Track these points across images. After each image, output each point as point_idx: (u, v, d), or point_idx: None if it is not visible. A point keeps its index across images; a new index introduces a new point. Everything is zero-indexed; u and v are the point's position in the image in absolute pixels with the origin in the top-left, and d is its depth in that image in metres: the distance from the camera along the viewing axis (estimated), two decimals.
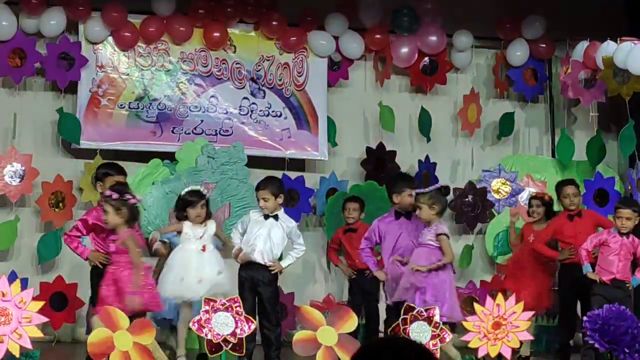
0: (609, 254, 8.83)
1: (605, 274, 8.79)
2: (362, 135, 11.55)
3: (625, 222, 8.84)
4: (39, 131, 10.69)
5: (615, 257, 8.81)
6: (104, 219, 7.91)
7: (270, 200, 8.65)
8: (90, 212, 8.45)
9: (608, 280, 8.76)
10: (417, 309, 7.75)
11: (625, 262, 8.82)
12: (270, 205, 8.65)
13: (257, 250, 8.58)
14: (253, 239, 8.60)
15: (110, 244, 7.88)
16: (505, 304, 7.86)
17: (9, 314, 7.08)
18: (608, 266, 8.82)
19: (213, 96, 11.03)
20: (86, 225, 8.29)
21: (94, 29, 10.68)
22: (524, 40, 11.65)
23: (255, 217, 8.71)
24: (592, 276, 8.81)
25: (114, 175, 8.54)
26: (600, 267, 8.86)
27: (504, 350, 7.79)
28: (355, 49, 11.34)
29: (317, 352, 7.48)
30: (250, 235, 8.63)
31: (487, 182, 11.45)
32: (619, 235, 8.85)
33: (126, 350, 7.13)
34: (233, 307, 7.45)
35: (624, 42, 10.28)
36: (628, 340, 7.89)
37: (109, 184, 8.32)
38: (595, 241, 8.93)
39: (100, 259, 8.17)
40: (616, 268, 8.79)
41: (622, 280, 8.79)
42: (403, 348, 3.10)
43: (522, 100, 11.90)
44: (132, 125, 10.79)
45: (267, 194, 8.66)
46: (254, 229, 8.64)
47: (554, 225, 9.83)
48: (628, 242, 8.84)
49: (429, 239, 8.35)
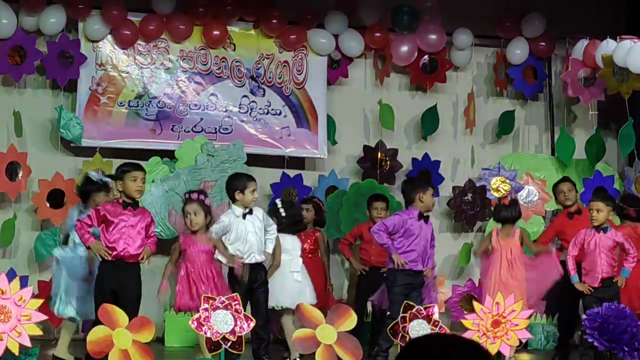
0: (590, 253, 8.81)
1: (593, 277, 8.76)
2: (362, 133, 11.55)
3: (595, 215, 8.80)
4: (38, 129, 10.69)
5: (597, 256, 8.78)
6: (192, 220, 8.60)
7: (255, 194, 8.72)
8: (104, 205, 8.48)
9: (596, 284, 8.74)
10: (416, 307, 7.76)
11: (607, 259, 8.78)
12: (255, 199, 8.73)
13: (254, 251, 8.58)
14: (245, 242, 8.57)
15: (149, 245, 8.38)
16: (505, 302, 7.86)
17: (8, 312, 7.08)
18: (593, 266, 8.79)
19: (213, 94, 11.03)
20: (98, 216, 8.31)
21: (94, 27, 10.68)
22: (524, 38, 11.64)
23: (233, 220, 8.61)
24: (580, 287, 8.80)
25: (132, 171, 8.59)
26: (585, 270, 8.82)
27: (503, 349, 7.80)
28: (355, 47, 11.34)
29: (316, 350, 7.48)
30: (239, 240, 8.58)
31: (487, 181, 11.44)
32: (596, 231, 8.83)
33: (125, 348, 7.13)
34: (232, 305, 7.45)
35: (624, 41, 10.28)
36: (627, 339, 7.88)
37: (129, 180, 8.39)
38: (577, 243, 8.88)
39: (101, 252, 8.21)
40: (600, 267, 8.76)
41: (609, 278, 8.77)
42: (451, 344, 3.01)
43: (521, 98, 11.90)
44: (131, 124, 10.79)
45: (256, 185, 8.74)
46: (240, 231, 8.58)
47: (555, 225, 9.83)
48: (607, 237, 8.80)
49: None
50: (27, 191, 10.47)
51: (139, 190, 8.47)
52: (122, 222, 8.29)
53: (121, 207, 8.33)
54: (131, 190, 8.38)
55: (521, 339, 8.07)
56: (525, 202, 11.32)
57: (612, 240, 8.79)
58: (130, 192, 8.38)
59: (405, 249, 8.75)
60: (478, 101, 11.71)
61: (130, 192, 8.38)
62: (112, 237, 8.24)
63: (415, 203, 8.78)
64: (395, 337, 7.73)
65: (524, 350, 9.75)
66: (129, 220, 8.31)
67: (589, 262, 8.81)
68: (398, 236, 8.73)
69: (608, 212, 8.83)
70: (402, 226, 8.71)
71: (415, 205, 8.78)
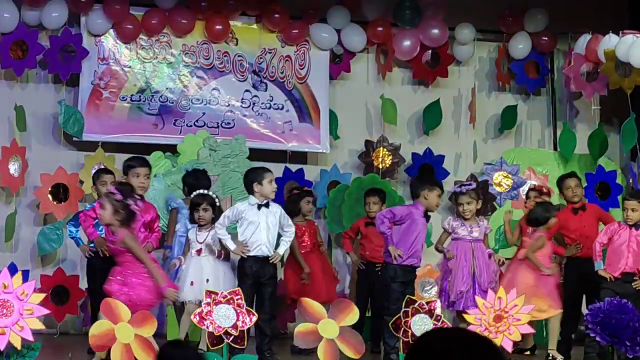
0: (618, 246, 8.83)
1: (615, 268, 8.79)
2: (364, 128, 11.55)
3: (630, 214, 8.84)
4: (41, 123, 10.69)
5: (625, 249, 8.81)
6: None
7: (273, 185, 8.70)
8: None
9: (618, 274, 8.77)
10: (418, 302, 7.77)
11: (634, 255, 8.81)
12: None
13: (262, 243, 8.54)
14: (255, 232, 8.54)
15: (110, 246, 7.81)
16: (507, 297, 7.86)
17: (10, 306, 7.08)
18: (617, 258, 8.81)
19: (215, 89, 11.02)
20: None
21: (96, 21, 10.67)
22: (526, 33, 11.64)
23: (247, 208, 8.60)
24: (603, 274, 8.80)
25: (136, 167, 8.59)
26: (609, 261, 8.85)
27: (505, 343, 7.79)
28: (357, 41, 11.33)
29: (318, 345, 7.48)
30: (249, 228, 8.55)
31: (489, 175, 11.44)
32: (628, 227, 8.86)
33: (127, 342, 7.14)
34: (234, 300, 7.45)
35: (626, 35, 10.26)
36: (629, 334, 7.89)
37: (132, 176, 8.39)
38: (608, 233, 8.92)
39: (104, 248, 8.20)
40: (625, 260, 8.78)
41: (631, 273, 8.79)
42: (453, 338, 3.02)
43: (524, 93, 11.89)
44: (133, 118, 10.79)
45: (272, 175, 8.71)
46: (251, 221, 8.54)
47: (559, 219, 9.83)
48: (637, 234, 8.83)
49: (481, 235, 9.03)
50: (25, 185, 10.45)
51: (141, 186, 8.47)
52: None
53: None
54: (134, 186, 8.38)
55: (523, 333, 8.06)
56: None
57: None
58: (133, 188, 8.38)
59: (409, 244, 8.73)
60: (480, 96, 11.71)
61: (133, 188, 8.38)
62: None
63: (420, 199, 8.78)
64: (398, 332, 7.74)
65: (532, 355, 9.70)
66: None
67: (615, 252, 8.83)
68: (404, 228, 8.70)
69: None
70: (408, 217, 8.70)
71: (419, 201, 8.78)
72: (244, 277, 8.50)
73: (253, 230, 8.52)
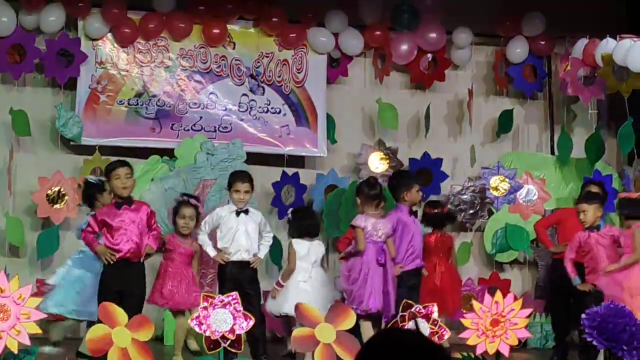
0: (589, 252, 8.81)
1: (594, 275, 8.75)
2: (362, 132, 11.55)
3: (582, 217, 8.82)
4: (38, 127, 10.68)
5: (597, 253, 8.78)
6: (187, 224, 8.83)
7: (249, 194, 8.73)
8: (100, 210, 8.48)
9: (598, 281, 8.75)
10: (415, 306, 7.76)
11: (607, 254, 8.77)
12: (248, 199, 8.72)
13: (242, 249, 8.62)
14: (234, 237, 8.62)
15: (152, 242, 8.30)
16: (504, 301, 7.86)
17: (7, 310, 7.07)
18: (595, 263, 8.78)
19: (212, 93, 11.03)
20: (97, 222, 8.30)
21: (94, 25, 10.67)
22: (524, 37, 11.64)
23: (226, 214, 8.70)
24: (583, 287, 8.79)
25: (116, 168, 8.56)
26: (589, 269, 8.81)
27: (502, 348, 7.79)
28: (354, 45, 11.34)
29: (315, 349, 7.48)
30: (228, 234, 8.64)
31: (486, 179, 11.44)
32: (590, 231, 8.83)
33: (124, 346, 7.13)
34: (231, 304, 7.45)
35: (624, 39, 10.28)
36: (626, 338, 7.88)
37: (114, 179, 8.38)
38: (573, 247, 8.89)
39: (107, 255, 8.19)
40: (602, 264, 8.73)
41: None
42: (403, 340, 3.05)
43: (521, 97, 11.90)
44: (131, 122, 10.79)
45: (249, 187, 8.74)
46: (230, 227, 8.64)
47: (560, 212, 9.82)
48: (602, 234, 8.80)
49: None
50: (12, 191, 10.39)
51: (123, 187, 8.38)
52: (121, 222, 8.26)
53: (115, 208, 8.32)
54: (117, 188, 8.37)
55: (520, 338, 8.06)
56: (525, 202, 11.34)
57: (608, 237, 8.80)
58: (116, 191, 8.37)
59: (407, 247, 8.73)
60: (478, 100, 11.72)
61: (116, 191, 8.37)
62: (115, 240, 8.22)
63: (401, 201, 8.84)
64: None
65: (523, 349, 9.75)
66: (127, 219, 8.28)
67: (590, 261, 8.81)
68: (397, 235, 8.72)
69: (594, 210, 8.84)
70: (398, 223, 8.74)
71: (402, 203, 8.84)
72: (224, 281, 8.65)
73: (230, 238, 8.64)
